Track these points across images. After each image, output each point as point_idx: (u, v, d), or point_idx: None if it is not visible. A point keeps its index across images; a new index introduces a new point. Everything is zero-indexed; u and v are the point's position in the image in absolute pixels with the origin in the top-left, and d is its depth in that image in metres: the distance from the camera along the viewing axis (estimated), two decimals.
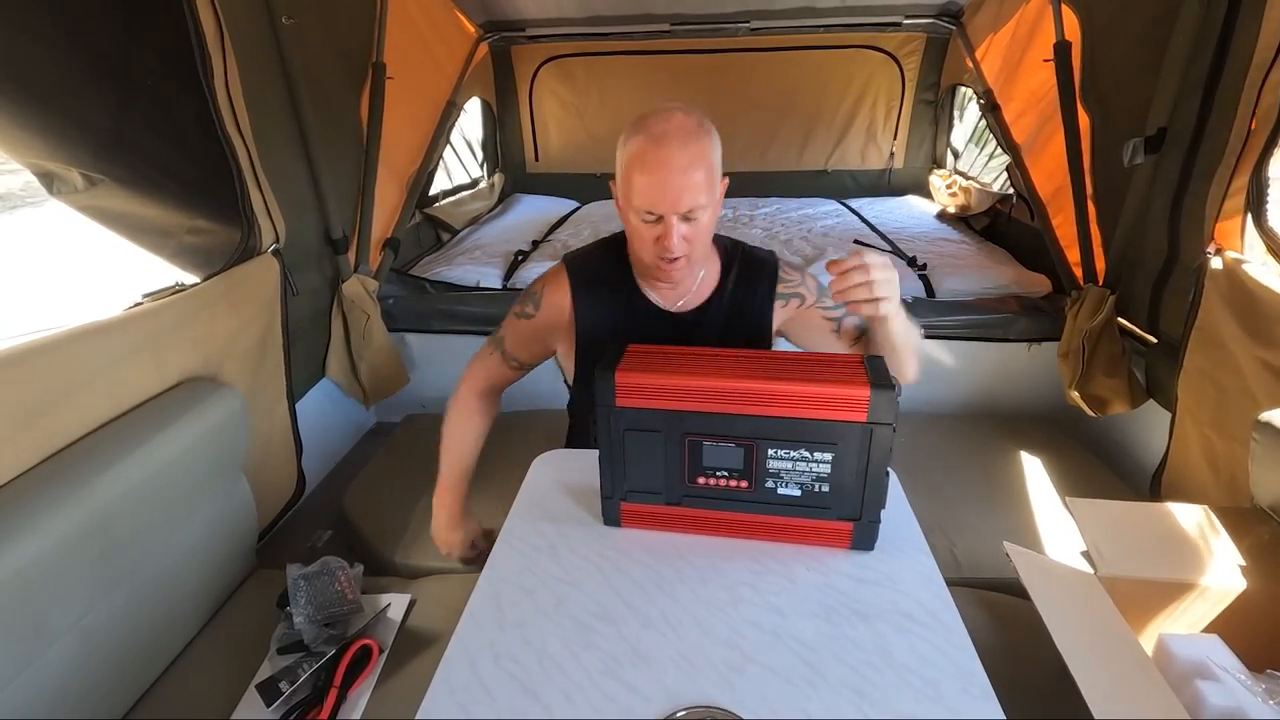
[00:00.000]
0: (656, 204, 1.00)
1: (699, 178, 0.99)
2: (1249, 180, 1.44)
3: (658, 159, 0.98)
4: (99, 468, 1.07)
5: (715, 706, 0.68)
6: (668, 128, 0.99)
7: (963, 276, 2.45)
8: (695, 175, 0.98)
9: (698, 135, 0.99)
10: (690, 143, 0.98)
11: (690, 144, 0.98)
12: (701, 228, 1.03)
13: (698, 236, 1.04)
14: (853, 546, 0.88)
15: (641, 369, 0.87)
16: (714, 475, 0.89)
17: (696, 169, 0.98)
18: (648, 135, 0.99)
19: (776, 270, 1.21)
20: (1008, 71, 2.68)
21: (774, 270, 1.21)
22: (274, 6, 1.70)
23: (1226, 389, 1.46)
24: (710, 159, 1.01)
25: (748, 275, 1.21)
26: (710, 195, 1.02)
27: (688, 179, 0.98)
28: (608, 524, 0.96)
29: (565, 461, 1.12)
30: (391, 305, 2.34)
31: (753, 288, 1.20)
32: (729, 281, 1.20)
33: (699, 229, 1.03)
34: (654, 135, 0.99)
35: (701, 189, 0.99)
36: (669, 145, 0.98)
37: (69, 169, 1.29)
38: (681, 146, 0.98)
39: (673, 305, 1.20)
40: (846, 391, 0.79)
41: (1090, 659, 0.83)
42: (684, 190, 0.98)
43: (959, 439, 2.02)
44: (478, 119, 3.90)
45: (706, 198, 1.01)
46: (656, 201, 1.00)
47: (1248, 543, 1.07)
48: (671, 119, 1.00)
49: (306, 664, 1.08)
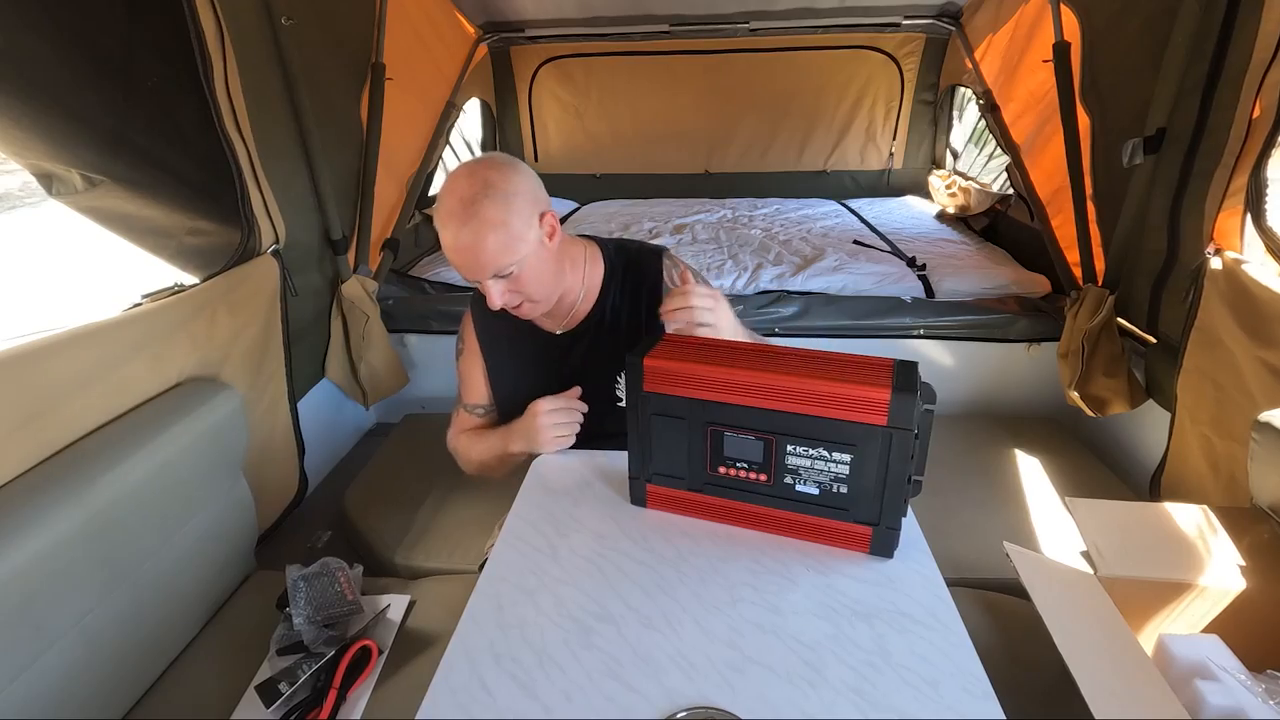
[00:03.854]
0: (466, 276, 1.03)
1: (492, 243, 0.98)
2: (1248, 180, 1.44)
3: (447, 242, 1.00)
4: (99, 468, 1.07)
5: (715, 707, 0.67)
6: (450, 204, 0.99)
7: (962, 277, 2.46)
8: (486, 244, 0.98)
9: (477, 202, 0.97)
10: (470, 216, 0.97)
11: (470, 218, 0.97)
12: (524, 278, 1.04)
13: (525, 284, 1.05)
14: (871, 552, 0.88)
15: (669, 357, 0.88)
16: (734, 466, 0.89)
17: (484, 238, 0.97)
18: (438, 213, 1.01)
19: (659, 284, 1.20)
20: (1007, 72, 2.68)
21: (656, 283, 1.20)
22: (274, 7, 1.70)
23: (1226, 389, 1.46)
24: (498, 220, 0.98)
25: (631, 290, 1.20)
26: (520, 247, 1.00)
27: (479, 252, 0.98)
28: (634, 503, 0.98)
29: (565, 462, 1.12)
30: (391, 306, 2.34)
31: (635, 304, 1.19)
32: (608, 299, 1.20)
33: (521, 280, 1.04)
34: (440, 214, 1.00)
35: (498, 252, 0.99)
36: (450, 225, 0.98)
37: (69, 170, 1.29)
38: (461, 225, 0.97)
39: (555, 329, 1.21)
40: (867, 393, 0.79)
41: (1090, 659, 0.83)
42: (479, 262, 1.00)
43: (959, 439, 2.02)
44: (477, 120, 3.90)
45: (512, 255, 1.00)
46: (465, 275, 1.03)
47: (1247, 543, 1.07)
48: (456, 190, 0.99)
49: (306, 665, 1.08)
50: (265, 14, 1.70)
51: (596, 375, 1.18)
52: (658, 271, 1.20)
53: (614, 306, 1.19)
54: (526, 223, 1.01)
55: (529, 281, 1.05)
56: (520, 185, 1.01)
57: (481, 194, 0.97)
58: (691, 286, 0.99)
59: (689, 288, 0.99)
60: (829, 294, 2.40)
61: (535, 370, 1.23)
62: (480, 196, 0.97)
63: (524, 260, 1.02)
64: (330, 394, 2.21)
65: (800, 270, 2.57)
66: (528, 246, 1.02)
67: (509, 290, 1.04)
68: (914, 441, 0.80)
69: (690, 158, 4.14)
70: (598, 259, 1.21)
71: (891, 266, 2.57)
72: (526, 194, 1.02)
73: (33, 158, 1.25)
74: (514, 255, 1.00)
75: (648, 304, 1.19)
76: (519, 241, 1.00)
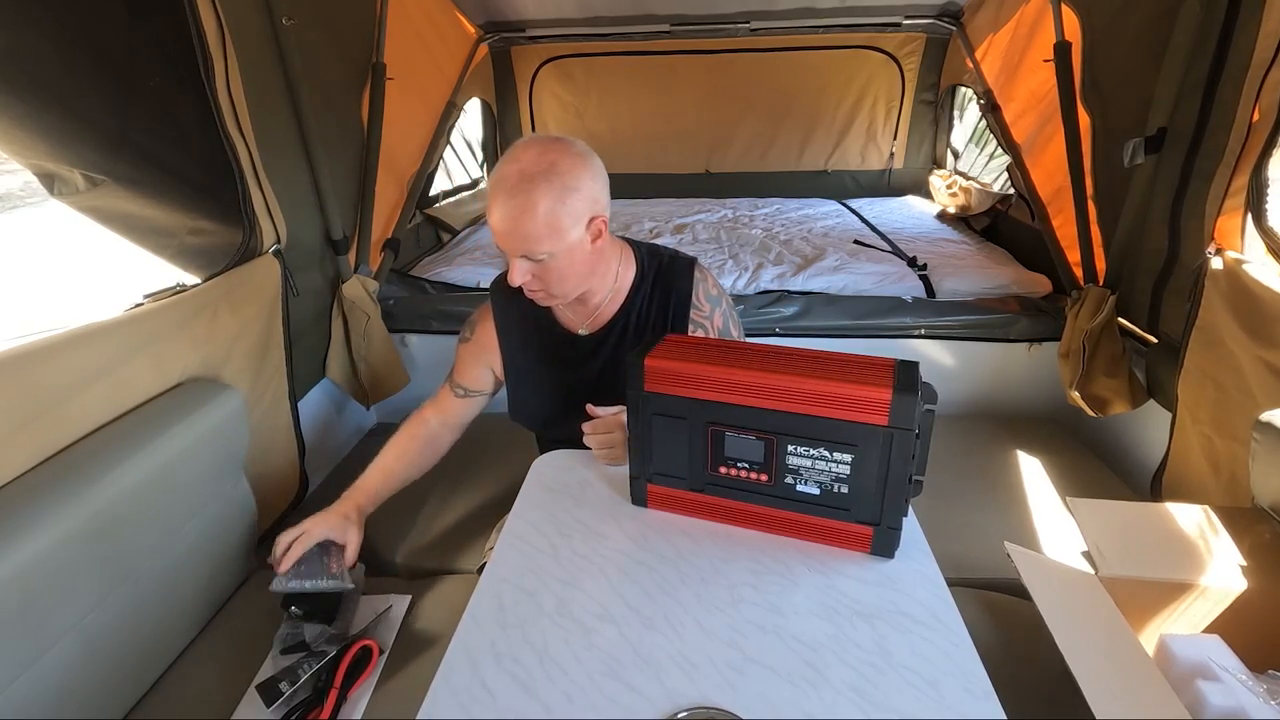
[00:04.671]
0: (496, 240, 1.02)
1: (530, 228, 0.97)
2: (1249, 180, 1.44)
3: (492, 199, 0.99)
4: (100, 469, 1.07)
5: (716, 707, 0.68)
6: (508, 170, 0.98)
7: (963, 276, 2.45)
8: (525, 226, 0.97)
9: (534, 183, 0.96)
10: (520, 191, 0.96)
11: (520, 193, 0.96)
12: (551, 269, 1.02)
13: (549, 276, 1.03)
14: (872, 552, 0.88)
15: (670, 357, 0.88)
16: (735, 466, 0.89)
17: (526, 220, 0.97)
18: (496, 170, 0.99)
19: (689, 296, 1.18)
20: (1008, 72, 2.68)
21: (686, 295, 1.18)
22: (275, 7, 1.70)
23: (1227, 389, 1.45)
24: (544, 209, 0.96)
25: (660, 299, 1.19)
26: (556, 242, 0.99)
27: (517, 227, 0.97)
28: (635, 503, 0.98)
29: (566, 462, 1.12)
30: (392, 306, 2.34)
31: (663, 313, 1.18)
32: (635, 305, 1.18)
33: (548, 269, 1.02)
34: (496, 175, 0.99)
35: (534, 239, 0.98)
36: (500, 191, 0.98)
37: (71, 170, 1.29)
38: (509, 196, 0.97)
39: (578, 329, 1.20)
40: (868, 392, 0.79)
41: (1092, 659, 0.83)
42: (512, 236, 0.99)
43: (960, 439, 2.02)
44: (478, 119, 3.90)
45: (546, 246, 0.99)
46: (496, 238, 1.02)
47: (1248, 542, 1.07)
48: (518, 160, 0.98)
49: (307, 664, 1.08)
50: (266, 14, 1.70)
51: (615, 380, 1.17)
52: (688, 283, 1.19)
53: (641, 312, 1.19)
54: (574, 220, 1.00)
55: (555, 276, 1.04)
56: (583, 182, 1.00)
57: (542, 176, 0.96)
58: (610, 417, 1.03)
59: (607, 420, 1.04)
60: (830, 294, 2.40)
61: (556, 371, 1.23)
62: (539, 178, 0.96)
63: (558, 254, 1.01)
64: (331, 394, 2.21)
65: (801, 270, 2.57)
66: (566, 243, 1.01)
67: (532, 274, 1.03)
68: (915, 441, 0.80)
69: (691, 157, 4.14)
70: (631, 262, 1.20)
71: (892, 266, 2.57)
72: (585, 193, 1.01)
73: (34, 157, 1.25)
74: (550, 246, 0.99)
75: (676, 314, 1.18)
76: (559, 235, 0.99)
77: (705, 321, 1.19)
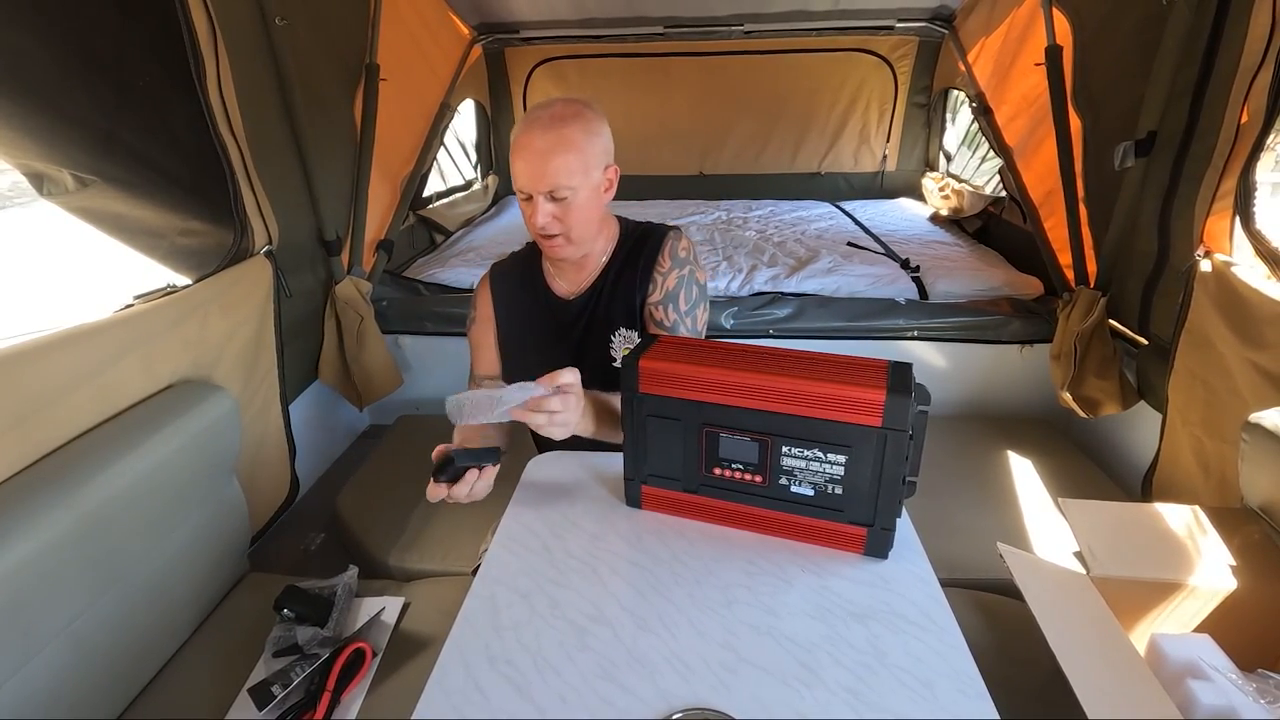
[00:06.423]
0: (524, 183, 1.07)
1: (562, 160, 1.04)
2: (1237, 183, 1.46)
3: (523, 142, 1.06)
4: (90, 471, 1.06)
5: (710, 708, 0.67)
6: (539, 114, 1.06)
7: (955, 279, 2.47)
8: (557, 157, 1.04)
9: (566, 121, 1.05)
10: (555, 127, 1.04)
11: (554, 129, 1.04)
12: (573, 209, 1.08)
13: (570, 217, 1.09)
14: (866, 553, 0.88)
15: (665, 359, 0.89)
16: (729, 467, 0.90)
17: (559, 152, 1.04)
18: (523, 121, 1.07)
19: (658, 251, 1.21)
20: (1000, 75, 2.70)
21: (655, 251, 1.21)
22: (267, 7, 1.70)
23: (1216, 390, 1.47)
24: (577, 143, 1.05)
25: (632, 258, 1.23)
26: (582, 179, 1.07)
27: (549, 160, 1.04)
28: (629, 505, 0.99)
29: (560, 463, 1.12)
30: (385, 307, 2.33)
31: (634, 270, 1.22)
32: (613, 267, 1.23)
33: (569, 210, 1.08)
34: (526, 121, 1.06)
35: (565, 171, 1.05)
36: (534, 129, 1.05)
37: (60, 170, 1.28)
38: (544, 130, 1.04)
39: (565, 293, 1.24)
40: (861, 394, 0.79)
41: (1083, 659, 0.83)
42: (544, 171, 1.04)
43: (952, 440, 2.03)
44: (471, 120, 3.90)
45: (574, 180, 1.06)
46: (524, 181, 1.07)
47: (1238, 542, 1.08)
48: (550, 107, 1.07)
49: (299, 667, 1.08)
50: (258, 14, 1.69)
51: (598, 339, 1.23)
52: (660, 241, 1.23)
53: (616, 271, 1.23)
54: (597, 162, 1.09)
55: (576, 217, 1.09)
56: (604, 131, 1.11)
57: (574, 118, 1.06)
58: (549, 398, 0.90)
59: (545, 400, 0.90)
60: (823, 295, 2.41)
61: (545, 340, 1.26)
62: (571, 119, 1.06)
63: (580, 191, 1.08)
64: (324, 395, 2.20)
65: (794, 272, 2.57)
66: (589, 182, 1.09)
67: (555, 216, 1.08)
68: (908, 442, 0.80)
69: (685, 159, 4.15)
70: (615, 232, 1.26)
71: (885, 268, 2.58)
72: (605, 141, 1.11)
73: (23, 157, 1.24)
74: (575, 180, 1.06)
75: (643, 268, 1.21)
76: (584, 173, 1.07)
77: (659, 277, 1.20)
